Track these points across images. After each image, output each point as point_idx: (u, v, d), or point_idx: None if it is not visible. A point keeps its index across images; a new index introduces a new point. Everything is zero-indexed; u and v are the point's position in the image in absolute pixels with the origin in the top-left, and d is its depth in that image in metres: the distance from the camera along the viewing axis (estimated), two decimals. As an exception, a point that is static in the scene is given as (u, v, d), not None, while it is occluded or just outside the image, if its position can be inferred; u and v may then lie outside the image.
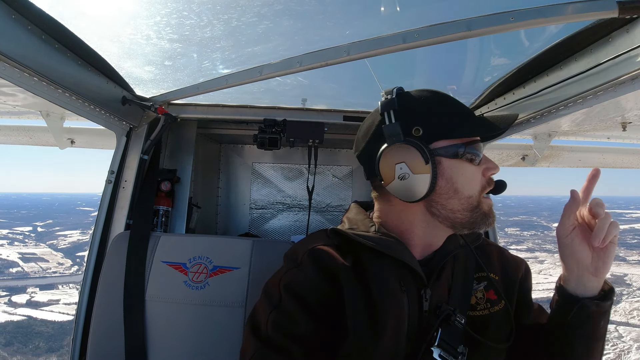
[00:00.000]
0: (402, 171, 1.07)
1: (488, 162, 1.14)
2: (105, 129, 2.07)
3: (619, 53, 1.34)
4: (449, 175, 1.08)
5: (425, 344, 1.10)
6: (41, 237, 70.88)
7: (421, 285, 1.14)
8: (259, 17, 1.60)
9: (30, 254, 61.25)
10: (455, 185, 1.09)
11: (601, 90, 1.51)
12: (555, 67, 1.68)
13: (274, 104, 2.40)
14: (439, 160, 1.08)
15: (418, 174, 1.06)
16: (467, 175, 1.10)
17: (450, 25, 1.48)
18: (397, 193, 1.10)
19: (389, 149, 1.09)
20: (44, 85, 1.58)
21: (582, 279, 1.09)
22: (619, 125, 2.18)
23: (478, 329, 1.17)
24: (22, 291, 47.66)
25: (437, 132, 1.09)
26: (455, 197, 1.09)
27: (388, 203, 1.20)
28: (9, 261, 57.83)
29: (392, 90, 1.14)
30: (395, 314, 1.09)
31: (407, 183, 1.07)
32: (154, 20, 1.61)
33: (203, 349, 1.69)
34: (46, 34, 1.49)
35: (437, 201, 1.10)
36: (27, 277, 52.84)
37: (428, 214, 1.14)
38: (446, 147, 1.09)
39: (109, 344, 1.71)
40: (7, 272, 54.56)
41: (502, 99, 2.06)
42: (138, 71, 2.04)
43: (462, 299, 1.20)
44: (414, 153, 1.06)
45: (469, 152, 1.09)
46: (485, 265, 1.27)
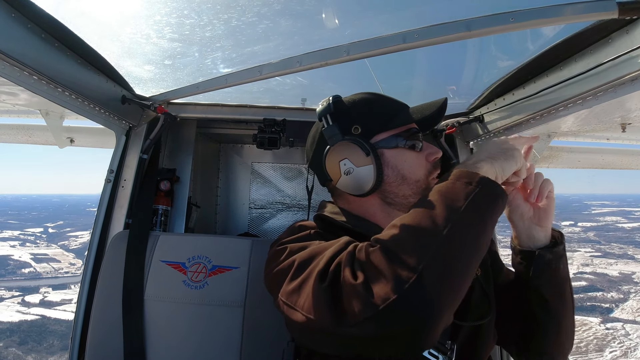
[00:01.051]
0: (346, 166, 1.15)
1: (430, 148, 1.23)
2: (104, 128, 2.07)
3: (618, 54, 1.34)
4: (394, 164, 1.16)
5: None
6: (52, 238, 71.50)
7: None
8: (258, 16, 1.60)
9: (42, 255, 61.77)
10: (402, 172, 1.16)
11: (601, 91, 1.51)
12: (555, 67, 1.68)
13: (273, 104, 2.40)
14: (382, 152, 1.16)
15: (361, 167, 1.14)
16: (410, 161, 1.18)
17: (450, 26, 1.48)
18: (347, 188, 1.17)
19: (332, 148, 1.17)
20: (44, 84, 1.58)
21: (530, 232, 1.18)
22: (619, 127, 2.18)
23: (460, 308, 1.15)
24: (35, 291, 48.19)
25: (374, 126, 1.18)
26: (405, 183, 1.16)
27: (346, 202, 1.26)
28: (21, 262, 58.37)
29: (328, 98, 1.22)
30: None
31: (354, 177, 1.15)
32: (154, 19, 1.61)
33: (202, 348, 1.69)
34: (46, 32, 1.48)
35: (390, 190, 1.17)
36: (39, 277, 53.49)
37: (385, 205, 1.20)
38: (386, 139, 1.17)
39: (108, 343, 1.71)
40: (20, 272, 55.19)
41: (501, 100, 2.06)
42: (138, 70, 2.04)
43: None
44: (355, 148, 1.14)
45: (407, 140, 1.17)
46: None
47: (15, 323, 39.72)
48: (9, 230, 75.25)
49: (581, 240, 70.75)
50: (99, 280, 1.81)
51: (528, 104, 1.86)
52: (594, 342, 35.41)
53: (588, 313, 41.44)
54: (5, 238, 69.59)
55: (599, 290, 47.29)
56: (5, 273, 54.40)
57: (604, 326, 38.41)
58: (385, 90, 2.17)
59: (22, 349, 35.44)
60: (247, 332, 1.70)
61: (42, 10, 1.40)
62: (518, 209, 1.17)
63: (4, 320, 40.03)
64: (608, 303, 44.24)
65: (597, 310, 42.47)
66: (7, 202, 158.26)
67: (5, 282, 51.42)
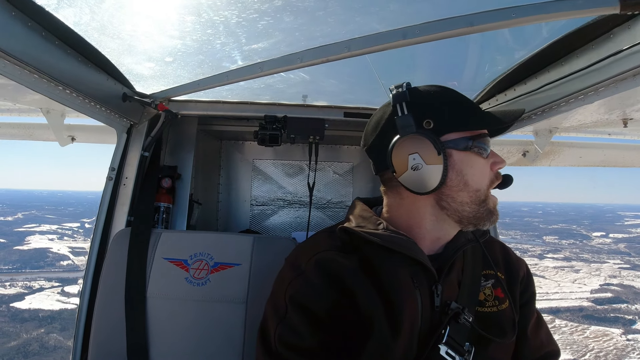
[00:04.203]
0: (415, 162, 1.08)
1: (496, 157, 1.16)
2: (106, 125, 2.07)
3: (620, 49, 1.34)
4: (459, 167, 1.10)
5: (433, 340, 1.11)
6: (89, 233, 71.06)
7: (432, 281, 1.15)
8: (259, 13, 1.60)
9: (80, 249, 62.93)
10: (465, 178, 1.10)
11: (602, 87, 1.51)
12: (557, 63, 1.68)
13: (274, 100, 2.39)
14: (450, 153, 1.09)
15: (431, 165, 1.07)
16: (477, 168, 1.12)
17: (451, 21, 1.47)
18: (409, 184, 1.11)
19: (402, 140, 1.09)
20: (45, 82, 1.58)
21: None
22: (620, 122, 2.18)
23: (486, 325, 1.19)
24: (74, 282, 49.45)
25: (447, 125, 1.10)
26: (465, 189, 1.11)
27: (398, 196, 1.19)
28: (60, 254, 59.65)
29: (401, 84, 1.15)
30: (411, 310, 1.10)
31: (420, 174, 1.08)
32: (155, 17, 1.61)
33: (204, 344, 1.70)
34: (46, 30, 1.48)
35: (448, 194, 1.12)
36: (77, 269, 54.60)
37: (437, 208, 1.14)
38: (456, 140, 1.10)
39: (111, 340, 1.72)
40: (59, 264, 56.43)
41: (503, 95, 2.05)
42: (138, 68, 2.04)
43: (470, 295, 1.21)
44: (427, 144, 1.07)
45: (478, 145, 1.11)
46: (492, 262, 1.28)
47: (56, 311, 41.26)
48: (47, 225, 76.23)
49: (611, 251, 69.30)
50: (102, 278, 1.81)
51: (530, 99, 1.86)
52: (614, 352, 35.46)
53: (610, 324, 41.43)
54: (44, 232, 70.70)
55: (624, 302, 47.16)
56: (44, 265, 55.78)
57: (625, 337, 38.42)
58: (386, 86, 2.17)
59: (64, 335, 36.63)
60: (250, 329, 1.70)
61: (42, 8, 1.40)
62: None
63: (45, 309, 41.55)
64: (632, 315, 44.17)
65: (620, 321, 42.44)
66: (44, 198, 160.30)
67: (45, 273, 52.78)
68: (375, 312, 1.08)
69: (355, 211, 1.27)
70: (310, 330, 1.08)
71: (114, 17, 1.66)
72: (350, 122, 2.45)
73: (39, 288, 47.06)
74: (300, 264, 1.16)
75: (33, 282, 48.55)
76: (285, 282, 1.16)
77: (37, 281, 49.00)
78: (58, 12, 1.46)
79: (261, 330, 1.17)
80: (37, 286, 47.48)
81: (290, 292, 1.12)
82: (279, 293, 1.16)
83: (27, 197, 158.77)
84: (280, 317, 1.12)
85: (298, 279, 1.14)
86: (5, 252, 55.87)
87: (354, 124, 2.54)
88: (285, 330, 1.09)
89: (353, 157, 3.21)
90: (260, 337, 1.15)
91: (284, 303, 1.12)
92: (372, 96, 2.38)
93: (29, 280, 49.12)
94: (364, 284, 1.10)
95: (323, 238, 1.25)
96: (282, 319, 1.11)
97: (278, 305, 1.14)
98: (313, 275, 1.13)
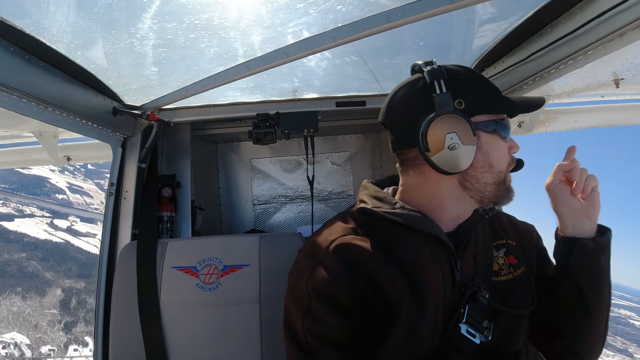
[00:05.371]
0: (453, 141, 1.07)
1: (512, 141, 1.18)
2: (100, 142, 2.07)
3: (604, 10, 1.33)
4: (486, 149, 1.11)
5: (454, 320, 1.14)
6: (90, 174, 72.82)
7: (451, 257, 1.16)
8: (239, 12, 1.59)
9: (78, 187, 64.01)
10: (490, 160, 1.11)
11: (591, 50, 1.50)
12: (543, 31, 1.67)
13: (265, 98, 2.39)
14: (479, 134, 1.10)
15: (467, 145, 1.07)
16: (500, 150, 1.14)
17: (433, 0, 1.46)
18: (442, 163, 1.09)
19: (440, 118, 1.08)
20: (33, 106, 1.57)
21: (577, 222, 1.19)
22: (612, 83, 2.17)
23: (504, 294, 1.22)
24: (64, 217, 50.19)
25: (477, 106, 1.11)
26: (489, 171, 1.12)
27: (421, 176, 1.17)
28: (57, 187, 60.87)
29: (431, 61, 1.14)
30: (435, 286, 1.12)
31: (455, 154, 1.07)
32: (135, 27, 1.60)
33: (222, 348, 1.71)
34: (29, 53, 1.48)
35: (473, 175, 1.12)
36: (70, 205, 55.38)
37: (460, 188, 1.15)
38: (486, 122, 1.11)
39: (130, 353, 1.73)
40: (54, 196, 57.78)
41: (492, 68, 2.05)
42: (125, 80, 2.02)
43: (486, 267, 1.23)
44: (464, 124, 1.07)
45: (502, 128, 1.13)
46: (501, 232, 1.31)
47: (41, 240, 41.64)
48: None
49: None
50: (114, 293, 1.82)
51: (519, 69, 1.85)
52: None
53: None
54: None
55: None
56: (40, 193, 56.65)
57: None
58: (374, 71, 2.16)
59: (42, 264, 37.08)
60: (266, 328, 1.71)
61: (23, 32, 1.39)
62: (565, 202, 1.19)
63: (31, 235, 42.09)
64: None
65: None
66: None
67: (39, 201, 53.83)
68: (401, 292, 1.09)
69: (369, 192, 1.26)
70: (337, 318, 1.08)
71: (95, 32, 1.65)
72: (343, 112, 2.44)
73: (29, 214, 47.78)
74: (318, 254, 1.16)
75: (25, 207, 49.68)
76: (305, 273, 1.15)
77: (29, 207, 49.94)
78: (39, 34, 1.45)
79: (287, 327, 1.17)
80: (29, 212, 48.43)
81: (312, 283, 1.12)
82: (300, 285, 1.15)
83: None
84: (305, 309, 1.12)
85: (318, 269, 1.13)
86: (6, 172, 56.61)
87: (346, 113, 2.53)
88: (313, 322, 1.10)
89: (349, 146, 3.21)
90: (288, 333, 1.16)
91: (307, 295, 1.12)
92: (361, 83, 2.38)
93: (22, 204, 50.13)
94: (386, 265, 1.11)
95: (337, 224, 1.24)
96: (308, 311, 1.11)
97: (301, 298, 1.14)
98: (333, 263, 1.13)
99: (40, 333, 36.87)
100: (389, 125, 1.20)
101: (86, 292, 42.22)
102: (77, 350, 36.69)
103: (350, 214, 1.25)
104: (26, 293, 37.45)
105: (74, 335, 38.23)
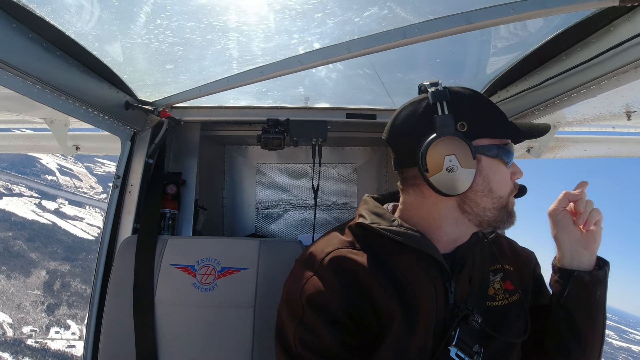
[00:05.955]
0: (452, 163, 1.06)
1: (516, 167, 1.18)
2: (109, 134, 2.08)
3: (621, 41, 1.33)
4: (487, 173, 1.10)
5: (444, 342, 1.12)
6: (80, 157, 72.27)
7: (446, 279, 1.16)
8: (258, 17, 1.60)
9: (68, 169, 63.62)
10: (491, 185, 1.11)
11: (604, 80, 1.50)
12: (558, 57, 1.68)
13: (276, 104, 2.40)
14: (480, 158, 1.09)
15: (465, 168, 1.07)
16: (501, 175, 1.13)
17: (450, 19, 1.48)
18: (440, 185, 1.08)
19: (440, 139, 1.07)
20: (47, 93, 1.59)
21: (576, 253, 1.19)
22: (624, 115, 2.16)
23: (498, 319, 1.20)
24: (53, 199, 50.42)
25: (479, 129, 1.10)
26: (489, 195, 1.11)
27: (420, 195, 1.17)
28: (47, 168, 60.55)
29: (436, 82, 1.14)
30: (426, 306, 1.11)
31: (453, 176, 1.07)
32: (154, 24, 1.62)
33: (213, 349, 1.70)
34: (47, 41, 1.50)
35: (472, 198, 1.11)
36: (59, 187, 55.38)
37: (459, 211, 1.14)
38: (488, 146, 1.11)
39: (120, 347, 1.72)
40: (44, 177, 57.50)
41: (505, 92, 2.05)
42: (140, 76, 2.05)
43: (480, 291, 1.22)
44: (463, 147, 1.07)
45: (504, 153, 1.12)
46: (499, 256, 1.30)
47: (28, 220, 41.74)
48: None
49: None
50: (110, 285, 1.82)
51: (532, 95, 1.85)
52: None
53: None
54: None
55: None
56: (30, 173, 56.39)
57: None
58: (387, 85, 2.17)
59: (28, 245, 37.02)
60: (259, 333, 1.70)
61: (43, 20, 1.41)
62: (566, 230, 1.19)
63: (19, 214, 41.93)
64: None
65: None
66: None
67: (29, 181, 53.66)
68: (392, 309, 1.08)
69: (368, 207, 1.26)
70: (329, 330, 1.08)
71: (114, 26, 1.67)
72: (352, 123, 2.45)
73: (18, 193, 47.67)
74: (314, 264, 1.16)
75: (14, 186, 49.67)
76: (300, 283, 1.15)
77: (18, 186, 49.96)
78: (59, 22, 1.47)
79: (278, 334, 1.17)
80: (17, 190, 48.40)
81: (306, 293, 1.12)
82: (294, 294, 1.15)
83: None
84: (298, 318, 1.11)
85: (313, 279, 1.13)
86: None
87: (356, 125, 2.54)
88: (305, 332, 1.09)
89: (357, 158, 3.21)
90: (279, 341, 1.15)
91: (301, 304, 1.12)
92: (374, 96, 2.38)
93: (11, 183, 50.13)
94: (380, 281, 1.10)
95: (334, 236, 1.25)
96: (300, 320, 1.11)
97: (294, 307, 1.14)
98: (328, 275, 1.13)
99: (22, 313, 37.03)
100: (392, 143, 1.21)
101: (70, 275, 42.26)
102: (59, 333, 36.77)
103: (349, 227, 1.25)
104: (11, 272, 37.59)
105: (56, 318, 38.29)
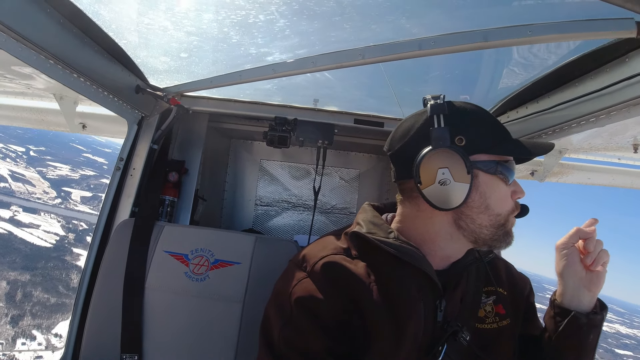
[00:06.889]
0: (444, 177, 1.06)
1: (517, 186, 1.16)
2: (117, 115, 2.09)
3: (634, 74, 1.33)
4: (483, 190, 1.09)
5: (430, 357, 1.12)
6: (32, 162, 71.48)
7: (437, 296, 1.15)
8: (276, 15, 1.61)
9: (20, 175, 63.00)
10: (488, 201, 1.09)
11: (615, 110, 1.50)
12: (570, 83, 1.67)
13: (285, 103, 2.40)
14: (476, 174, 1.08)
15: (458, 182, 1.06)
16: (500, 193, 1.11)
17: (467, 35, 1.48)
18: (433, 198, 1.08)
19: (434, 152, 1.07)
20: (59, 69, 1.60)
21: (577, 292, 1.17)
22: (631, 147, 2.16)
23: (486, 342, 1.20)
24: (6, 207, 49.84)
25: (478, 145, 1.09)
26: (486, 212, 1.10)
27: (416, 208, 1.17)
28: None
29: (438, 96, 1.13)
30: (414, 322, 1.10)
31: (446, 190, 1.06)
32: (172, 11, 1.63)
33: (198, 340, 1.70)
34: (65, 18, 1.50)
35: (468, 214, 1.10)
36: (12, 194, 54.72)
37: (454, 227, 1.13)
38: (485, 162, 1.09)
39: (106, 329, 1.73)
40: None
41: (514, 112, 2.05)
42: (153, 61, 2.05)
43: (471, 311, 1.22)
44: (458, 161, 1.06)
45: (504, 170, 1.10)
46: (494, 279, 1.28)
47: None
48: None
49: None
50: (102, 266, 1.83)
51: (541, 118, 1.85)
52: None
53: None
54: (-13, 147, 69.71)
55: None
56: None
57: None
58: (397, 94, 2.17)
59: None
60: (245, 328, 1.70)
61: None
62: (571, 266, 1.16)
63: None
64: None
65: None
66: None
67: None
68: (380, 320, 1.08)
69: (366, 216, 1.25)
70: (315, 333, 1.07)
71: (133, 10, 1.67)
72: (359, 129, 2.45)
73: None
74: (307, 267, 1.16)
75: None
76: (291, 284, 1.15)
77: None
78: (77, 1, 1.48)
79: (263, 332, 1.16)
80: None
81: (295, 295, 1.11)
82: (284, 294, 1.15)
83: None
84: (285, 318, 1.11)
85: (304, 282, 1.13)
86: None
87: (363, 132, 2.54)
88: (291, 332, 1.09)
89: (360, 164, 3.21)
90: (263, 339, 1.15)
91: (290, 305, 1.11)
92: (383, 104, 2.39)
93: None
94: (371, 291, 1.10)
95: (330, 241, 1.24)
96: (288, 320, 1.10)
97: (283, 307, 1.13)
98: (320, 279, 1.12)
99: (-15, 327, 36.58)
100: (391, 155, 1.20)
101: (32, 284, 41.69)
102: (25, 344, 35.90)
103: (345, 233, 1.24)
104: (-31, 286, 37.47)
105: (21, 329, 37.73)
